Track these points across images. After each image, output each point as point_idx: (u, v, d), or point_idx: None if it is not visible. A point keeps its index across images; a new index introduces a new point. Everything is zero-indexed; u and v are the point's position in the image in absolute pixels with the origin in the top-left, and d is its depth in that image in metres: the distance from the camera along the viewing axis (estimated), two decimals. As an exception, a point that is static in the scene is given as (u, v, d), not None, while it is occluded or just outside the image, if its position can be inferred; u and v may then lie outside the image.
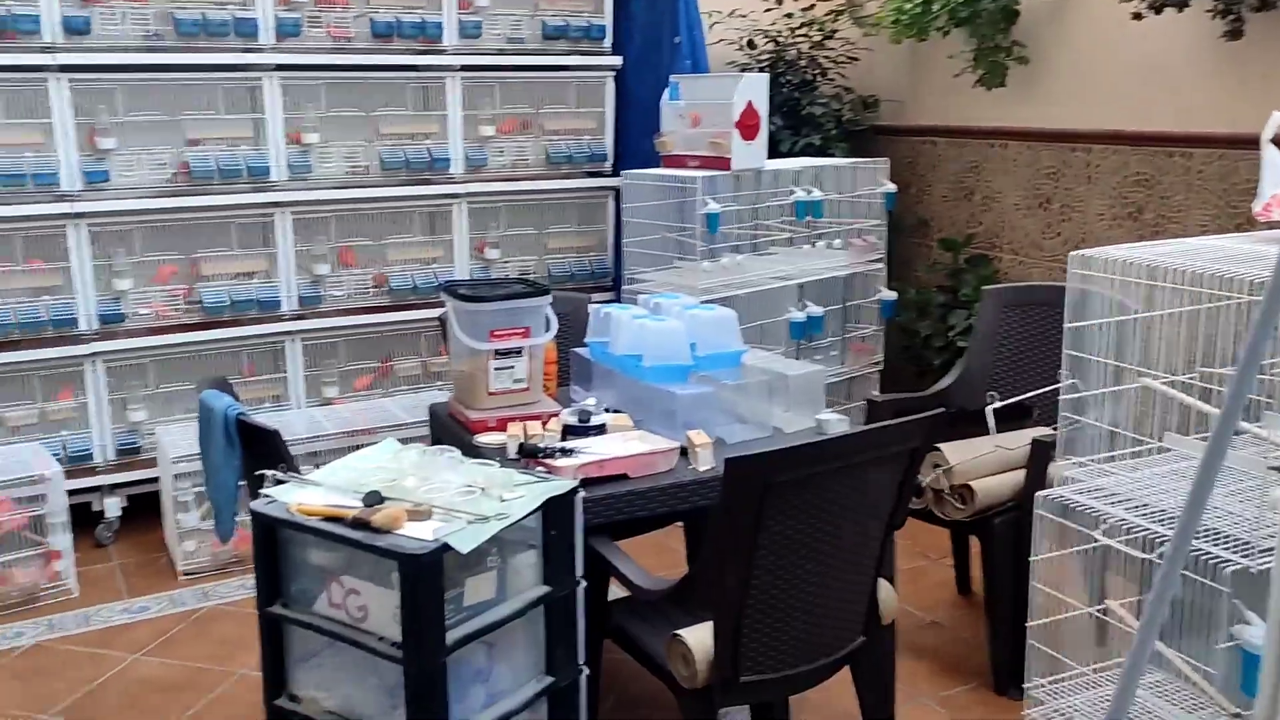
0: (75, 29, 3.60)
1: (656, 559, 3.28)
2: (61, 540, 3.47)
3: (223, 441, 2.13)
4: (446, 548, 1.72)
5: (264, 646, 1.92)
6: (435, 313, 4.29)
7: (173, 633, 3.27)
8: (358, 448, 3.85)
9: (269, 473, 1.97)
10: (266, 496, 1.89)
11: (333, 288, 4.21)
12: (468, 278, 4.40)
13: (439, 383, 4.44)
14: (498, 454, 2.42)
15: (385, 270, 4.30)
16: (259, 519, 1.86)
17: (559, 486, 1.93)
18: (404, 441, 3.78)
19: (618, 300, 4.40)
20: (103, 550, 3.84)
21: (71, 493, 3.61)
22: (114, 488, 3.90)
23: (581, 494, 1.96)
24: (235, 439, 2.14)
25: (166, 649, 3.17)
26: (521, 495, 1.90)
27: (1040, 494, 2.15)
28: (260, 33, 3.88)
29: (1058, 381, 2.24)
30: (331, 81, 4.09)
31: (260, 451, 2.12)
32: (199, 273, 4.01)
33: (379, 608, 1.77)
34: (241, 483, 2.30)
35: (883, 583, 2.24)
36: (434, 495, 1.89)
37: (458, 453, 2.07)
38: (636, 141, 4.45)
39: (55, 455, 3.65)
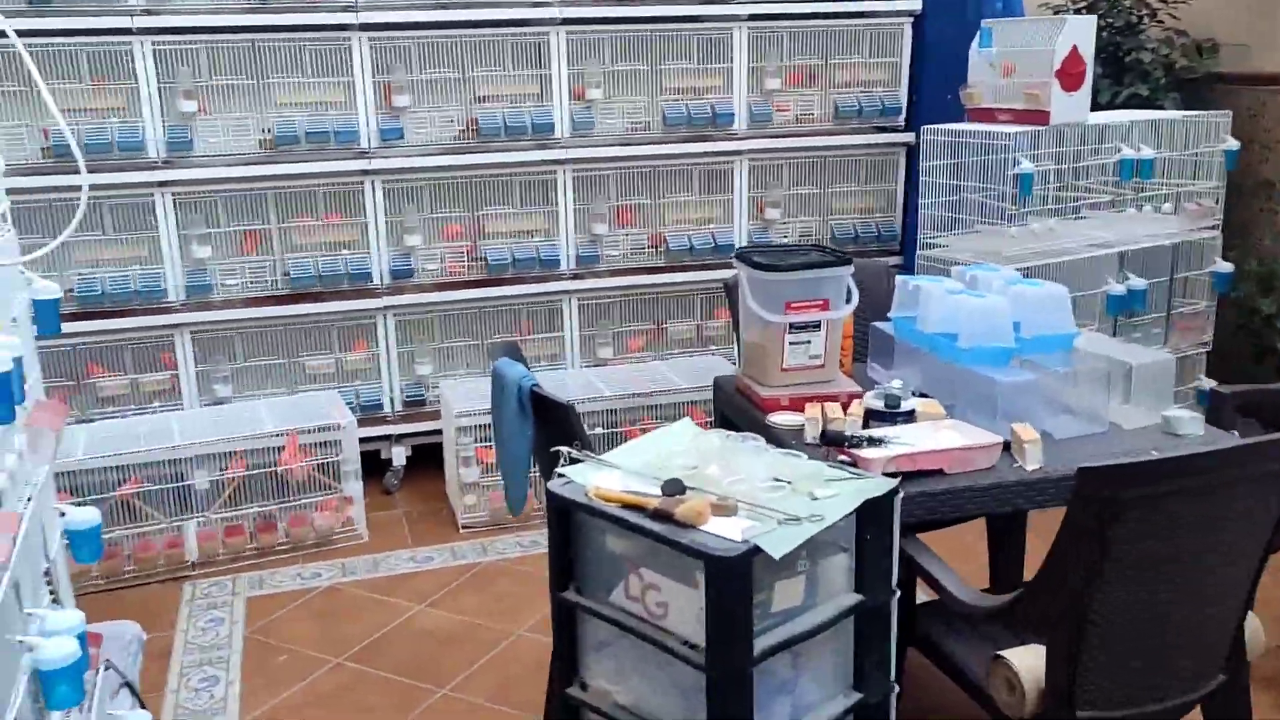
0: (376, -12, 3.67)
1: (951, 555, 3.00)
2: (354, 487, 3.60)
3: (516, 412, 2.05)
4: (757, 550, 1.56)
5: (556, 632, 1.84)
6: (711, 275, 4.16)
7: (454, 585, 3.32)
8: (635, 410, 3.83)
9: (563, 449, 1.87)
10: (562, 476, 1.79)
11: (610, 247, 4.14)
12: (747, 240, 4.24)
13: (712, 347, 4.31)
14: (793, 436, 2.24)
15: (662, 230, 4.19)
16: (554, 500, 1.76)
17: (877, 486, 1.73)
18: (679, 407, 3.67)
19: (907, 267, 4.11)
20: (389, 498, 3.97)
21: (362, 440, 3.73)
22: (400, 438, 4.02)
23: (900, 495, 1.75)
24: (528, 410, 2.06)
25: (448, 601, 3.22)
26: (835, 494, 1.71)
27: None
28: (549, -14, 3.83)
29: None
30: (616, 35, 3.99)
31: (553, 424, 2.03)
32: (483, 229, 4.04)
33: (680, 606, 1.64)
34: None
35: (1251, 615, 1.91)
36: (738, 488, 1.72)
37: (761, 441, 1.90)
38: (933, 93, 4.11)
39: (349, 404, 3.78)
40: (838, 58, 4.23)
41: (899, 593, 1.79)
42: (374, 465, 3.97)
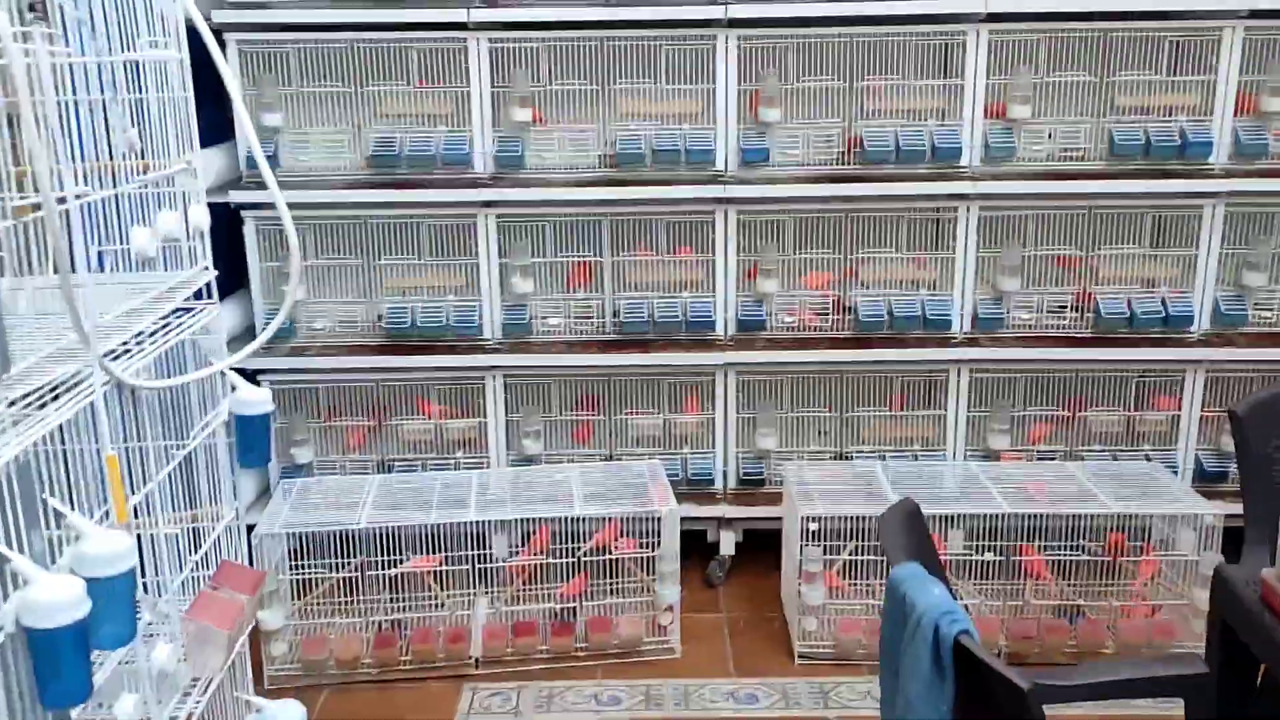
0: (751, -25, 2.95)
1: None
2: (670, 592, 2.92)
3: (927, 665, 1.23)
4: None
5: None
6: (1152, 355, 3.14)
7: (780, 744, 2.56)
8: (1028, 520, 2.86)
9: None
10: None
11: (1019, 307, 3.21)
12: (1212, 308, 3.15)
13: (1145, 448, 3.27)
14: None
15: (1091, 289, 3.20)
16: None
17: None
18: (1092, 522, 2.65)
19: None
20: (711, 593, 3.26)
21: (685, 519, 3.04)
22: (731, 521, 3.31)
23: None
24: (948, 668, 1.23)
25: (772, 771, 2.47)
26: None
27: None
28: (968, -27, 2.96)
29: None
30: (1053, 35, 3.05)
31: (987, 702, 1.20)
32: (854, 276, 3.24)
33: None
34: None
35: None
36: None
37: None
38: None
39: (673, 475, 3.13)
40: (1380, 68, 3.04)
41: None
42: (696, 547, 3.29)
